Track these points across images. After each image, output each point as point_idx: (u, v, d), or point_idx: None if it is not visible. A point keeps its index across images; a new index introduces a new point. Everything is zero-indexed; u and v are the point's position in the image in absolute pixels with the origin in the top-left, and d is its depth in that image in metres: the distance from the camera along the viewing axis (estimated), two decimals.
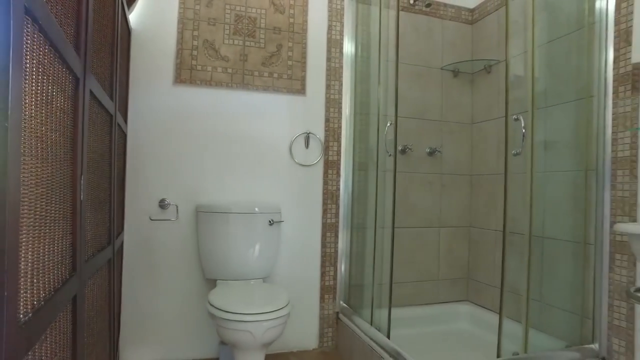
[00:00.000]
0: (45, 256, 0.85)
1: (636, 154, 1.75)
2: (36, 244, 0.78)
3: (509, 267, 2.30)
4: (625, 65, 1.80)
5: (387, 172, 2.23)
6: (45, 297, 0.84)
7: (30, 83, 0.72)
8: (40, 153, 0.79)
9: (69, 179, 1.05)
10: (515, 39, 2.16)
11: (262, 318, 1.60)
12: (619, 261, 1.80)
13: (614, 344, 1.81)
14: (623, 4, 1.82)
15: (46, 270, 0.85)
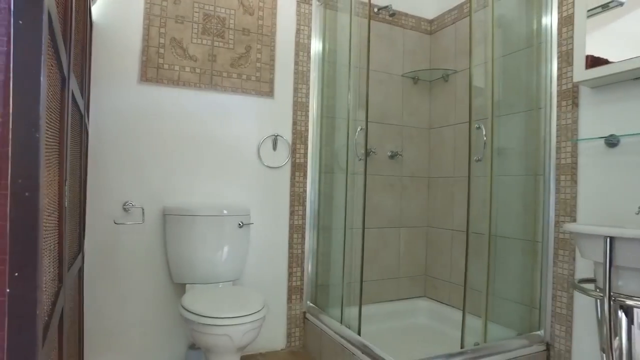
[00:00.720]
0: (46, 269, 0.82)
1: (576, 162, 1.97)
2: (43, 257, 0.75)
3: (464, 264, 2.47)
4: (567, 82, 2.01)
5: (355, 175, 2.31)
6: (48, 312, 0.80)
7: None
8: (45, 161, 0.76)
9: (56, 184, 1.01)
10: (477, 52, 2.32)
11: (240, 322, 1.61)
12: (561, 256, 2.01)
13: (556, 330, 2.02)
14: (564, 29, 2.03)
15: (47, 284, 0.82)
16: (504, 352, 1.91)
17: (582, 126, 1.95)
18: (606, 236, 1.46)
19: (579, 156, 1.96)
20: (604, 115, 1.87)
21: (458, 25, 2.65)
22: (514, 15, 2.22)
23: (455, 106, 2.67)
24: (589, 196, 1.92)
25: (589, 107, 1.93)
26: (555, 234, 2.04)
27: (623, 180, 1.79)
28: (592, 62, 1.82)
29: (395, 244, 2.75)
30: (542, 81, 2.11)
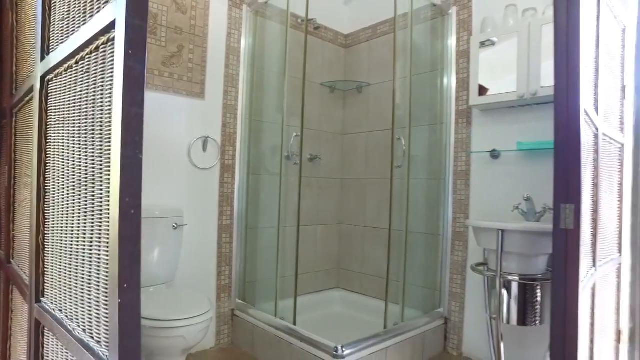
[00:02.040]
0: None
1: (469, 169, 2.42)
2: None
3: (376, 256, 2.82)
4: (463, 104, 2.45)
5: (286, 177, 2.46)
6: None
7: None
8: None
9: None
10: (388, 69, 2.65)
11: (195, 322, 1.65)
12: (457, 246, 2.46)
13: (452, 306, 2.46)
14: (461, 60, 2.47)
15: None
16: (415, 329, 2.27)
17: (474, 141, 2.41)
18: (499, 229, 1.88)
19: (472, 165, 2.41)
20: (489, 133, 2.34)
21: (372, 43, 2.97)
22: (424, 42, 2.59)
23: (367, 116, 2.99)
24: (478, 197, 2.38)
25: (479, 126, 2.39)
26: (453, 228, 2.48)
27: (502, 185, 2.27)
28: (481, 90, 2.27)
29: (312, 241, 2.97)
30: (445, 101, 2.53)
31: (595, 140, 1.40)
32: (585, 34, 1.24)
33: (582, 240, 1.16)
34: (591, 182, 1.38)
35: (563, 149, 1.06)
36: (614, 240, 1.77)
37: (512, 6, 2.22)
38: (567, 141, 1.05)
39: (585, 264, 1.30)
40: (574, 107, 1.06)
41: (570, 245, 1.05)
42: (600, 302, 1.61)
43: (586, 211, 1.27)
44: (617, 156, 1.78)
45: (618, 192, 1.80)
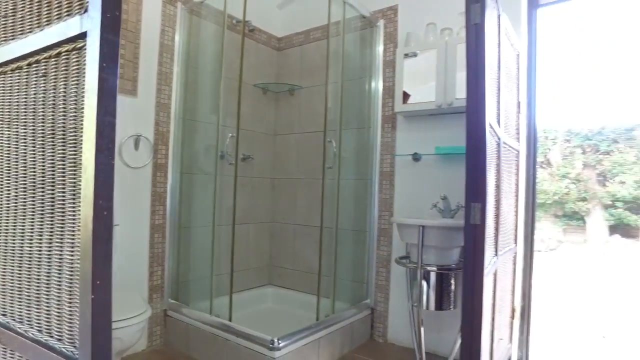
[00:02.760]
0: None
1: (394, 171, 2.64)
2: None
3: (307, 253, 2.95)
4: (389, 110, 2.67)
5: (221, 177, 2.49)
6: None
7: None
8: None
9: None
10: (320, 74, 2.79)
11: (131, 322, 1.64)
12: (382, 242, 2.67)
13: (378, 297, 2.68)
14: (387, 69, 2.68)
15: None
16: (345, 320, 2.44)
17: (398, 144, 2.63)
18: (419, 225, 2.10)
19: (396, 166, 2.64)
20: (411, 138, 2.58)
21: (305, 47, 3.09)
22: (354, 50, 2.77)
23: (299, 117, 3.11)
24: (401, 196, 2.61)
25: (403, 131, 2.62)
26: (379, 225, 2.69)
27: (423, 185, 2.51)
28: (404, 97, 2.49)
29: (244, 239, 3.02)
30: (372, 106, 2.73)
31: (497, 148, 1.65)
32: (489, 60, 1.46)
33: (487, 233, 1.38)
34: (495, 184, 1.62)
35: (472, 156, 1.26)
36: (512, 233, 2.07)
37: (432, 24, 2.47)
38: (475, 149, 1.26)
39: (489, 253, 1.53)
40: (481, 122, 1.26)
41: (478, 238, 1.26)
42: (501, 285, 1.89)
43: (490, 209, 1.50)
44: (514, 161, 2.08)
45: (515, 191, 2.11)
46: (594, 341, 3.12)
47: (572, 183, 7.77)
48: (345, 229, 2.69)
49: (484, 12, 1.37)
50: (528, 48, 2.32)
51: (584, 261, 7.03)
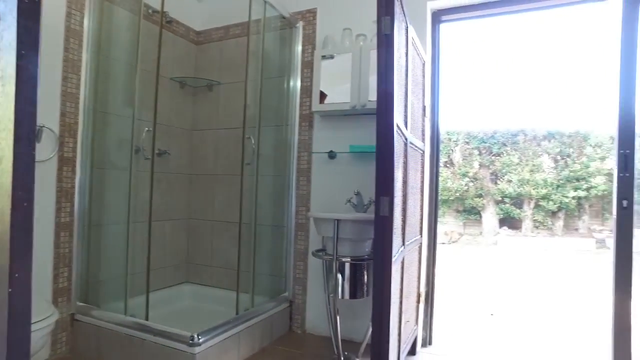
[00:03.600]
0: None
1: (310, 167, 2.75)
2: None
3: (225, 249, 2.95)
4: (306, 109, 2.77)
5: (134, 172, 2.39)
6: None
7: None
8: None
9: None
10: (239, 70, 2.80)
11: (34, 328, 1.53)
12: (300, 236, 2.77)
13: (296, 290, 2.77)
14: (305, 70, 2.78)
15: None
16: (264, 313, 2.49)
17: (315, 142, 2.75)
18: (335, 219, 2.23)
19: (312, 163, 2.75)
20: (327, 136, 2.71)
21: (224, 43, 3.07)
22: (274, 49, 2.82)
23: (218, 113, 3.09)
24: (317, 192, 2.73)
25: (320, 129, 2.74)
26: (296, 220, 2.78)
27: (338, 181, 2.66)
28: (321, 96, 2.61)
29: (160, 236, 2.93)
30: (290, 105, 2.81)
31: (405, 147, 1.82)
32: (398, 67, 1.62)
33: (394, 225, 1.53)
34: (402, 180, 1.79)
35: (382, 154, 1.39)
36: (417, 225, 2.29)
37: (348, 29, 2.61)
38: (384, 148, 1.39)
39: (397, 243, 1.70)
40: (389, 123, 1.40)
41: (386, 228, 1.40)
42: (408, 273, 2.09)
43: (398, 202, 1.67)
44: (419, 160, 2.30)
45: (420, 187, 2.33)
46: (484, 318, 3.55)
47: (471, 181, 8.63)
48: (263, 225, 2.74)
49: (393, 24, 1.52)
50: (432, 58, 2.57)
51: (479, 250, 7.86)
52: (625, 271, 2.15)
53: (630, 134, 2.18)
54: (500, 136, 8.53)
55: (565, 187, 8.00)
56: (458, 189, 8.57)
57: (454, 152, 8.85)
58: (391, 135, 1.40)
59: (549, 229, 8.28)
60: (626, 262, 2.16)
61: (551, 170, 8.32)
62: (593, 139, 7.98)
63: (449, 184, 8.65)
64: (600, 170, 7.92)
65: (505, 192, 8.31)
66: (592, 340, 2.98)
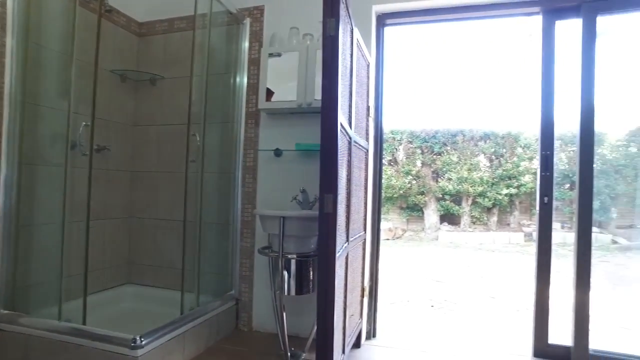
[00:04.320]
0: None
1: (257, 165, 2.75)
2: None
3: (169, 248, 2.88)
4: (252, 107, 2.76)
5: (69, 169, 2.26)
6: None
7: None
8: None
9: None
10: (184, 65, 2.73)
11: None
12: (246, 234, 2.76)
13: (243, 288, 2.76)
14: (252, 67, 2.77)
15: None
16: (209, 312, 2.46)
17: (261, 140, 2.75)
18: (280, 216, 2.24)
19: (259, 161, 2.75)
20: (273, 134, 2.72)
21: (168, 36, 2.98)
22: (220, 45, 2.78)
23: (161, 109, 2.99)
24: (264, 189, 2.73)
25: (266, 127, 2.74)
26: (242, 218, 2.77)
27: (284, 179, 2.67)
28: (268, 94, 2.60)
29: (99, 236, 2.79)
30: (236, 102, 2.78)
31: (349, 146, 1.88)
32: (343, 68, 1.67)
33: (338, 221, 1.58)
34: (346, 178, 1.85)
35: (326, 152, 1.43)
36: (361, 222, 2.37)
37: (295, 28, 2.63)
38: (328, 146, 1.43)
39: (341, 239, 1.75)
40: (333, 122, 1.44)
41: (330, 225, 1.44)
42: (352, 268, 2.15)
43: (342, 200, 1.72)
44: (363, 158, 2.38)
45: (364, 185, 2.41)
46: (425, 309, 3.73)
47: (414, 179, 8.98)
48: (208, 223, 2.69)
49: (338, 26, 1.57)
50: (377, 60, 2.66)
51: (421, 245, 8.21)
52: (545, 260, 2.37)
53: (550, 137, 2.40)
54: (441, 136, 8.94)
55: (499, 185, 8.54)
56: (402, 186, 8.88)
57: (398, 151, 9.16)
58: (335, 134, 1.44)
59: (485, 224, 8.81)
60: (546, 252, 2.37)
61: (487, 169, 8.86)
62: (522, 140, 8.60)
63: (393, 181, 8.94)
64: (529, 169, 8.55)
65: (445, 190, 8.73)
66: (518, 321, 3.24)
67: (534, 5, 2.43)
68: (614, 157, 7.45)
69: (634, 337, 3.15)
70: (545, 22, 2.42)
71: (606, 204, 7.44)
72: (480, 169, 8.83)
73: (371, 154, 2.58)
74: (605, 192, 7.24)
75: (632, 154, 8.05)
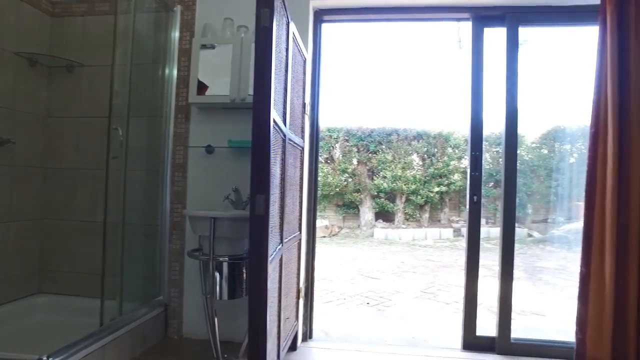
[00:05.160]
0: None
1: (187, 163, 2.59)
2: None
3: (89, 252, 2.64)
4: (183, 100, 2.60)
5: None
6: None
7: None
8: None
9: None
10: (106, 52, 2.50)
11: None
12: (175, 235, 2.60)
13: (172, 292, 2.60)
14: (183, 58, 2.61)
15: None
16: (134, 321, 2.27)
17: (192, 136, 2.59)
18: (211, 217, 2.12)
19: (189, 158, 2.59)
20: (205, 130, 2.58)
21: (88, 19, 2.71)
22: (147, 32, 2.57)
23: (80, 99, 2.71)
24: (194, 188, 2.58)
25: (197, 122, 2.60)
26: (171, 218, 2.60)
27: (216, 177, 2.54)
28: (201, 88, 2.46)
29: (3, 241, 2.48)
30: (165, 94, 2.60)
31: (283, 144, 1.81)
32: (277, 62, 1.59)
33: (271, 223, 1.51)
34: (280, 177, 1.78)
35: (257, 150, 1.35)
36: (296, 221, 2.31)
37: (229, 19, 2.51)
38: (260, 144, 1.35)
39: (275, 241, 1.68)
40: (266, 118, 1.37)
41: (262, 228, 1.36)
42: (287, 270, 2.09)
43: (275, 200, 1.64)
44: (299, 157, 2.32)
45: (299, 184, 2.36)
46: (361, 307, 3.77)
47: (350, 177, 9.11)
48: (133, 224, 2.49)
49: (272, 17, 1.49)
50: (314, 56, 2.61)
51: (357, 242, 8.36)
52: (475, 256, 2.47)
53: (479, 138, 2.50)
54: (377, 135, 9.15)
55: (430, 183, 8.92)
56: (338, 184, 8.97)
57: (334, 149, 9.23)
58: (267, 131, 1.36)
59: (417, 221, 9.17)
60: (475, 249, 2.48)
61: (419, 168, 9.22)
62: (452, 141, 9.05)
63: (329, 179, 9.00)
64: (458, 168, 9.03)
65: (380, 188, 8.95)
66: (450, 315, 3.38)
67: (465, 12, 2.52)
68: (529, 157, 8.08)
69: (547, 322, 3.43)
70: (474, 28, 2.52)
71: (523, 200, 8.05)
72: (413, 168, 9.16)
73: (307, 152, 2.53)
74: (522, 190, 7.84)
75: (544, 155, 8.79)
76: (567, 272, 6.05)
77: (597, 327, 2.10)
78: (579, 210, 8.03)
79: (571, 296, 4.53)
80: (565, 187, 8.70)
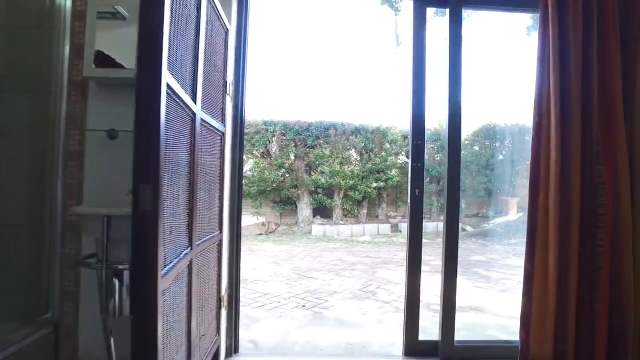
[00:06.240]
0: None
1: (84, 150, 2.14)
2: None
3: None
4: (78, 74, 2.14)
5: None
6: None
7: None
8: None
9: None
10: None
11: None
12: (69, 237, 2.14)
13: (65, 307, 2.13)
14: (77, 23, 2.13)
15: None
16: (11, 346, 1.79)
17: (90, 117, 2.14)
18: (104, 215, 1.73)
19: (87, 145, 2.14)
20: (108, 111, 2.13)
21: None
22: None
23: None
24: (94, 180, 2.13)
25: (97, 101, 2.14)
26: (63, 218, 2.13)
27: (120, 168, 2.11)
28: (103, 62, 2.02)
29: None
30: (53, 66, 2.12)
31: (192, 124, 1.46)
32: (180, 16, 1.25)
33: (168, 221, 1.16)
34: (188, 164, 1.43)
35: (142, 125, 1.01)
36: (215, 219, 1.97)
37: None
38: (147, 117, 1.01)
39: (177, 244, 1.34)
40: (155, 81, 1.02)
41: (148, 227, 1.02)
42: (202, 278, 1.74)
43: (178, 192, 1.30)
44: (218, 144, 1.97)
45: (219, 176, 2.01)
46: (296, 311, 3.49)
47: (287, 172, 8.80)
48: (11, 225, 2.02)
49: None
50: (238, 29, 2.27)
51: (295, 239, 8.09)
52: (417, 252, 2.28)
53: (422, 125, 2.31)
54: (314, 129, 8.91)
55: (368, 179, 8.85)
56: (275, 179, 8.62)
57: (271, 143, 8.86)
58: (156, 99, 1.02)
59: (356, 217, 9.07)
60: (417, 245, 2.29)
61: (357, 163, 9.12)
62: (390, 136, 9.04)
63: (266, 174, 8.62)
64: (395, 163, 9.06)
65: (318, 183, 8.73)
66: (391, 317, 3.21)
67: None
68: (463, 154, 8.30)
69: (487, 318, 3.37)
70: (415, 7, 2.32)
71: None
72: (351, 163, 9.04)
73: (229, 139, 2.19)
74: None
75: (476, 152, 9.09)
76: (498, 264, 6.23)
77: (541, 325, 2.00)
78: (507, 204, 8.33)
79: (505, 289, 4.65)
80: (495, 182, 9.08)
